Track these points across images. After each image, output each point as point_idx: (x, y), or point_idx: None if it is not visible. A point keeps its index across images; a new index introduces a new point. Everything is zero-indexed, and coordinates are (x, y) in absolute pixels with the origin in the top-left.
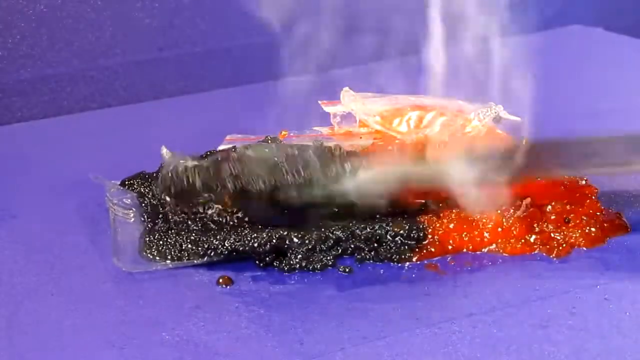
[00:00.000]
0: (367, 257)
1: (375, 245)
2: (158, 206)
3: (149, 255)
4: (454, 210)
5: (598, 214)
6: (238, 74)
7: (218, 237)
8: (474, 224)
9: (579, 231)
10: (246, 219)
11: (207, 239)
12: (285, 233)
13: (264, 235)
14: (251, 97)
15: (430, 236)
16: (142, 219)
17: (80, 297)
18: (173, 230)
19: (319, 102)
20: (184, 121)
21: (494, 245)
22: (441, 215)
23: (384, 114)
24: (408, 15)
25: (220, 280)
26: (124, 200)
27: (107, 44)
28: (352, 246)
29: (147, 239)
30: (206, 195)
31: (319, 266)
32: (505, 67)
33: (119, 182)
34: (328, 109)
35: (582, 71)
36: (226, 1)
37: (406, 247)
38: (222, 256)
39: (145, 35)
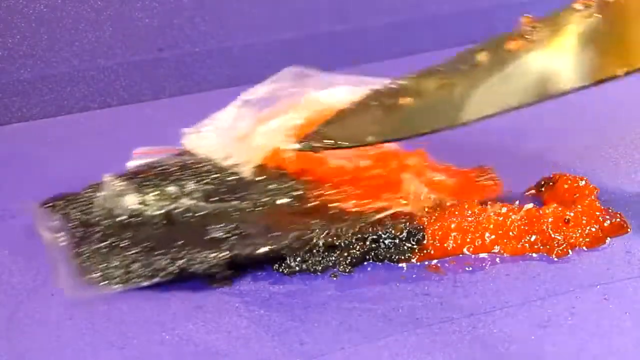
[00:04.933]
0: (367, 257)
1: (374, 245)
2: (85, 227)
3: (92, 280)
4: (455, 212)
5: (598, 213)
6: (238, 74)
7: (168, 256)
8: (474, 226)
9: (579, 230)
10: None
11: (155, 260)
12: (237, 252)
13: (217, 255)
14: None
15: (429, 238)
16: (71, 242)
17: (80, 297)
18: (113, 251)
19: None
20: (184, 121)
21: (497, 247)
22: (441, 217)
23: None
24: None
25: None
26: (52, 223)
27: (107, 44)
28: (348, 245)
29: (88, 263)
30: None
31: (319, 268)
32: None
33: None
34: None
35: None
36: (226, 1)
37: (405, 248)
38: (172, 276)
39: (145, 35)
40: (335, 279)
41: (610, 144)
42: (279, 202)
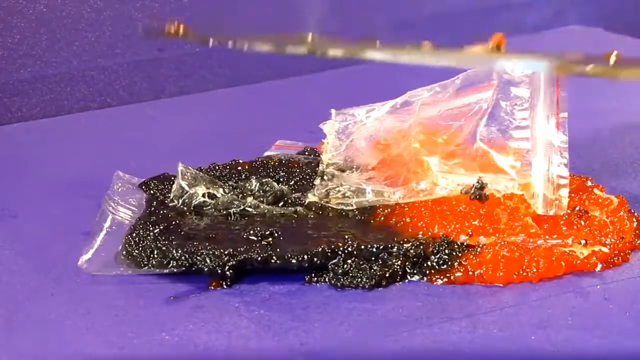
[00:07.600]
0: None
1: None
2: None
3: (123, 257)
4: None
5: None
6: (238, 74)
7: (180, 250)
8: (518, 255)
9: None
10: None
11: (168, 252)
12: (248, 257)
13: (227, 254)
14: (251, 97)
15: (461, 262)
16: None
17: (80, 297)
18: (153, 237)
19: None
20: (184, 121)
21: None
22: (481, 247)
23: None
24: None
25: (213, 284)
26: (130, 200)
27: (107, 44)
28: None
29: (132, 241)
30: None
31: (364, 279)
32: None
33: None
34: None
35: None
36: (226, 1)
37: (427, 265)
38: (182, 269)
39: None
40: None
41: (610, 144)
42: (344, 212)
